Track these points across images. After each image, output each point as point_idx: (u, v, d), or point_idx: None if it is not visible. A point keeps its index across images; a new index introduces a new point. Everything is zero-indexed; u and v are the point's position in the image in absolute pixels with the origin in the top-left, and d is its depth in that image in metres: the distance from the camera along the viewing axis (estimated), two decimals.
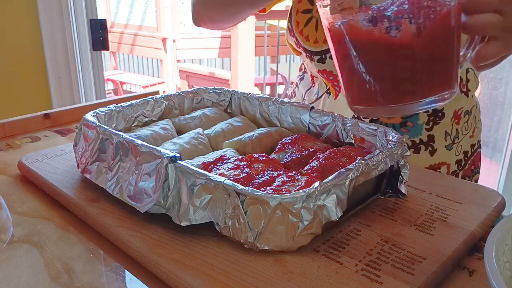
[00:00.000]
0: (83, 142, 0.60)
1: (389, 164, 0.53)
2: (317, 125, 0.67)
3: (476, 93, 0.79)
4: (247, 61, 3.93)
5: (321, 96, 0.82)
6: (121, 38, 4.98)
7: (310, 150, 0.59)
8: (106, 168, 0.56)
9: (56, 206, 0.58)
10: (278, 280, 0.41)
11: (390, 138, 0.56)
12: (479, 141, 0.83)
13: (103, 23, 1.74)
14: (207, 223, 0.47)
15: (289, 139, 0.63)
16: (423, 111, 0.43)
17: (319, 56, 0.76)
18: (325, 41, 0.74)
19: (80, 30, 1.70)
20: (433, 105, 0.43)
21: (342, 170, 0.48)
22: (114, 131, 0.56)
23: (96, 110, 0.65)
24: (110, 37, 1.81)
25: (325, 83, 0.80)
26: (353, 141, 0.62)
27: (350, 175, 0.47)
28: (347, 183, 0.46)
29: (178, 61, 4.72)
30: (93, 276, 0.45)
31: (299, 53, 0.83)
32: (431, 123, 0.75)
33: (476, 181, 0.85)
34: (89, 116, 0.62)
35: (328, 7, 0.43)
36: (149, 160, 0.50)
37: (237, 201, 0.44)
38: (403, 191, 0.56)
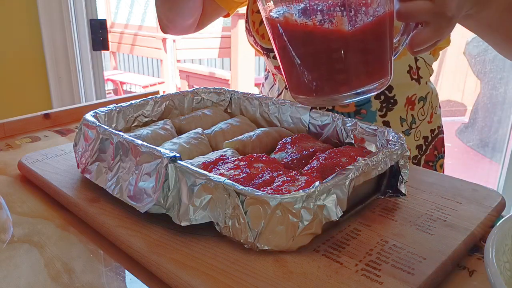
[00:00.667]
0: (83, 142, 0.60)
1: (389, 164, 0.53)
2: (317, 125, 0.67)
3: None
4: (247, 61, 3.93)
5: (281, 92, 0.85)
6: (121, 38, 4.98)
7: (310, 150, 0.59)
8: (106, 168, 0.56)
9: (56, 206, 0.58)
10: (278, 280, 0.41)
11: (390, 138, 0.56)
12: (439, 127, 0.86)
13: (103, 23, 1.74)
14: (207, 223, 0.47)
15: (289, 139, 0.63)
16: (363, 98, 0.44)
17: (274, 53, 0.78)
18: None
19: (80, 30, 1.70)
20: (370, 94, 0.44)
21: (342, 170, 0.48)
22: (114, 131, 0.56)
23: (96, 110, 0.65)
24: (110, 37, 1.81)
25: (283, 79, 0.83)
26: (353, 141, 0.62)
27: (350, 175, 0.47)
28: (347, 183, 0.46)
29: (178, 61, 4.72)
30: (93, 276, 0.45)
31: (260, 53, 0.87)
32: (384, 109, 0.77)
33: (441, 165, 0.88)
34: (89, 116, 0.62)
35: None
36: (149, 160, 0.50)
37: (237, 201, 0.44)
38: (403, 191, 0.56)
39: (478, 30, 0.58)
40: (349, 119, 0.63)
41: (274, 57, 0.79)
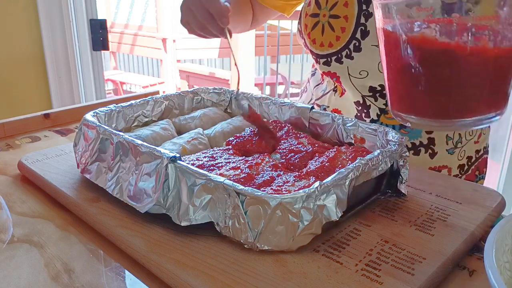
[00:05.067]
0: (83, 142, 0.60)
1: (389, 164, 0.53)
2: (317, 125, 0.67)
3: None
4: (247, 61, 3.93)
5: (327, 93, 0.83)
6: (121, 38, 4.98)
7: (309, 150, 0.59)
8: (106, 168, 0.56)
9: (56, 206, 0.58)
10: (278, 280, 0.41)
11: (390, 138, 0.56)
12: (485, 147, 0.83)
13: (103, 23, 1.74)
14: (207, 223, 0.47)
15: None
16: (470, 128, 0.42)
17: (325, 59, 0.77)
18: (330, 45, 0.75)
19: (80, 30, 1.70)
20: (483, 123, 0.42)
21: (342, 170, 0.48)
22: (114, 131, 0.56)
23: (96, 110, 0.65)
24: (110, 37, 1.81)
25: (333, 82, 0.81)
26: (353, 141, 0.62)
27: (350, 175, 0.47)
28: (347, 183, 0.46)
29: (178, 61, 4.71)
30: (93, 276, 0.45)
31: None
32: None
33: None
34: (89, 116, 0.62)
35: (392, 6, 0.41)
36: (149, 160, 0.50)
37: (237, 201, 0.44)
38: (403, 191, 0.56)
39: None
40: (349, 119, 0.63)
41: (324, 63, 0.77)
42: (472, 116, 0.41)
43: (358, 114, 0.77)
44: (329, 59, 0.76)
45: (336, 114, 0.65)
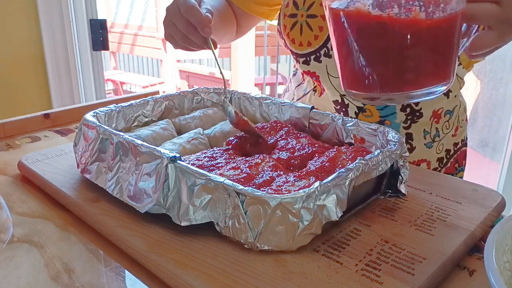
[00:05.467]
0: (83, 142, 0.60)
1: (389, 164, 0.53)
2: (317, 125, 0.67)
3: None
4: (247, 61, 3.93)
5: (308, 92, 0.85)
6: (121, 38, 4.98)
7: (309, 151, 0.59)
8: (106, 168, 0.56)
9: (56, 206, 0.58)
10: (278, 280, 0.41)
11: (390, 138, 0.56)
12: (463, 140, 0.84)
13: (103, 23, 1.74)
14: (207, 223, 0.47)
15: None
16: (418, 100, 0.43)
17: (304, 58, 0.78)
18: (309, 45, 0.77)
19: (80, 30, 1.70)
20: (431, 96, 0.43)
21: (342, 170, 0.48)
22: (114, 131, 0.56)
23: (96, 110, 0.65)
24: (110, 37, 1.81)
25: (312, 81, 0.83)
26: (353, 141, 0.62)
27: (350, 175, 0.47)
28: (347, 183, 0.46)
29: (178, 61, 4.72)
30: (93, 276, 0.45)
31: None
32: (409, 121, 0.76)
33: (461, 178, 0.86)
34: (89, 116, 0.62)
35: None
36: (149, 160, 0.50)
37: (237, 201, 0.44)
38: (403, 191, 0.56)
39: None
40: (349, 119, 0.63)
41: (304, 62, 0.78)
42: (414, 88, 0.42)
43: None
44: (308, 58, 0.77)
45: (336, 114, 0.65)
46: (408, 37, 0.40)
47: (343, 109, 0.77)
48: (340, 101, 0.77)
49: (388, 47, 0.41)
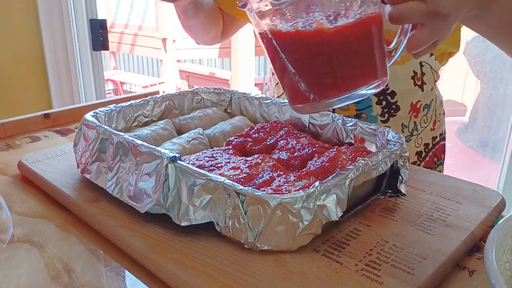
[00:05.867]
0: (83, 142, 0.60)
1: (389, 164, 0.53)
2: (317, 125, 0.67)
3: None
4: (247, 61, 3.93)
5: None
6: (121, 38, 4.98)
7: (309, 151, 0.59)
8: (106, 168, 0.56)
9: (56, 206, 0.58)
10: (278, 280, 0.41)
11: (390, 138, 0.56)
12: (441, 134, 0.85)
13: (103, 23, 1.74)
14: (207, 223, 0.47)
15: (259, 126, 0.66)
16: (354, 101, 0.45)
17: None
18: None
19: (80, 30, 1.70)
20: (363, 96, 0.44)
21: (342, 170, 0.48)
22: (114, 131, 0.56)
23: (96, 110, 0.65)
24: (110, 37, 1.81)
25: None
26: (353, 141, 0.62)
27: (350, 175, 0.47)
28: (347, 183, 0.46)
29: (178, 61, 4.72)
30: (93, 276, 0.45)
31: None
32: (386, 115, 0.76)
33: (440, 172, 0.87)
34: (89, 116, 0.62)
35: (246, 9, 0.44)
36: (149, 160, 0.50)
37: (237, 201, 0.44)
38: (403, 191, 0.56)
39: (489, 34, 0.56)
40: (349, 119, 0.63)
41: None
42: (342, 92, 0.43)
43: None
44: None
45: (336, 114, 0.65)
46: (315, 47, 0.42)
47: None
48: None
49: (302, 59, 0.43)
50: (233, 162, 0.55)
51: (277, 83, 0.90)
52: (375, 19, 0.43)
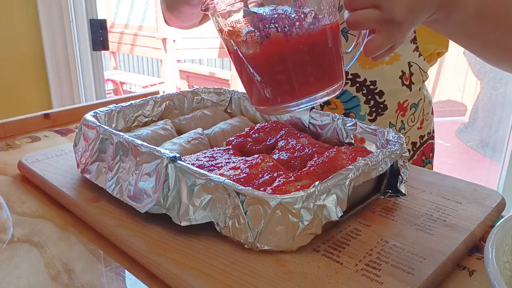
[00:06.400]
0: (83, 142, 0.60)
1: (389, 164, 0.53)
2: (317, 125, 0.67)
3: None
4: None
5: None
6: (121, 38, 4.98)
7: (309, 151, 0.59)
8: (106, 168, 0.56)
9: (56, 206, 0.58)
10: (278, 280, 0.41)
11: (390, 138, 0.56)
12: (429, 133, 0.86)
13: (103, 23, 1.74)
14: (207, 223, 0.47)
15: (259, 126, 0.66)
16: (314, 105, 0.47)
17: None
18: None
19: (80, 30, 1.70)
20: (321, 100, 0.46)
21: (342, 170, 0.48)
22: (114, 131, 0.56)
23: (96, 110, 0.65)
24: (110, 37, 1.81)
25: None
26: (353, 141, 0.62)
27: (350, 175, 0.47)
28: (347, 183, 0.46)
29: (178, 61, 4.72)
30: (93, 276, 0.45)
31: None
32: (374, 114, 0.77)
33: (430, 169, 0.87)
34: (89, 116, 0.62)
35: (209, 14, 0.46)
36: (149, 160, 0.50)
37: (237, 201, 0.44)
38: (403, 191, 0.56)
39: (454, 37, 0.57)
40: (349, 119, 0.63)
41: None
42: (293, 100, 0.45)
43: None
44: None
45: (336, 114, 0.65)
46: (272, 56, 0.43)
47: None
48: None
49: (260, 66, 0.45)
50: (233, 162, 0.55)
51: None
52: (331, 28, 0.44)
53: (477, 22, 0.51)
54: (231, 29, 0.44)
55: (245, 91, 0.80)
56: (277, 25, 0.42)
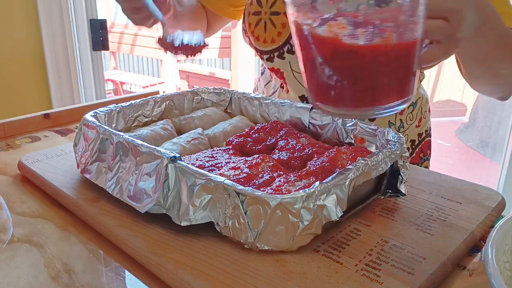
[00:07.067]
0: (83, 142, 0.60)
1: (389, 164, 0.53)
2: (317, 125, 0.67)
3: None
4: (247, 61, 3.93)
5: (276, 90, 0.87)
6: (121, 38, 4.98)
7: (309, 151, 0.59)
8: (106, 168, 0.56)
9: (56, 206, 0.58)
10: (278, 280, 0.41)
11: (390, 138, 0.56)
12: (427, 130, 0.88)
13: (103, 23, 1.74)
14: (207, 223, 0.47)
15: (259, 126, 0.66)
16: (379, 116, 0.46)
17: (268, 55, 0.81)
18: (273, 41, 0.79)
19: (80, 30, 1.70)
20: (393, 110, 0.45)
21: (342, 170, 0.48)
22: (114, 131, 0.56)
23: (96, 110, 0.65)
24: (110, 37, 1.81)
25: (279, 79, 0.85)
26: (353, 141, 0.62)
27: (350, 175, 0.47)
28: (347, 183, 0.46)
29: (178, 61, 4.71)
30: (93, 276, 0.45)
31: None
32: None
33: (426, 167, 0.89)
34: (89, 116, 0.62)
35: (295, 5, 0.44)
36: (149, 160, 0.50)
37: (237, 201, 0.44)
38: (403, 191, 0.56)
39: (465, 58, 0.62)
40: (349, 119, 0.63)
41: (268, 59, 0.81)
42: (376, 105, 0.44)
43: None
44: (271, 55, 0.80)
45: None
46: (378, 60, 0.42)
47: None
48: (306, 95, 0.79)
49: (357, 69, 0.43)
50: (233, 162, 0.55)
51: (267, 83, 0.91)
52: (417, 43, 0.44)
53: (495, 51, 0.57)
54: (315, 25, 0.42)
55: (245, 91, 0.80)
56: (379, 27, 0.41)
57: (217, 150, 0.60)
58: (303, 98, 0.80)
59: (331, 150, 0.58)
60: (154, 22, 0.74)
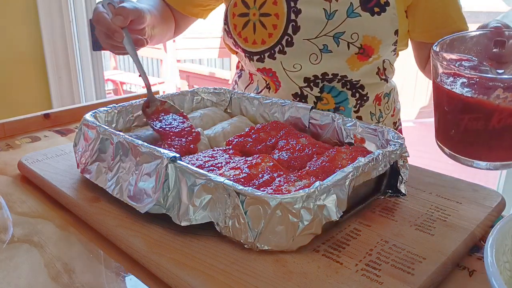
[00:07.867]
0: (83, 142, 0.60)
1: (389, 164, 0.53)
2: (317, 125, 0.67)
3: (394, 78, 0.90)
4: None
5: (261, 91, 0.87)
6: None
7: (309, 151, 0.59)
8: (106, 168, 0.56)
9: (56, 206, 0.58)
10: (278, 280, 0.41)
11: (390, 138, 0.56)
12: (399, 119, 0.93)
13: None
14: (207, 223, 0.47)
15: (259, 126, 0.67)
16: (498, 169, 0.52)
17: (258, 56, 0.80)
18: (263, 43, 0.79)
19: (80, 30, 1.70)
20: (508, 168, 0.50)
21: (342, 170, 0.48)
22: (114, 131, 0.56)
23: (96, 110, 0.65)
24: None
25: (264, 79, 0.85)
26: (353, 141, 0.62)
27: (350, 175, 0.47)
28: (347, 183, 0.46)
29: (178, 61, 4.71)
30: (93, 276, 0.45)
31: (236, 52, 0.89)
32: (358, 106, 0.82)
33: None
34: (89, 116, 0.62)
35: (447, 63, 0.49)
36: (149, 160, 0.50)
37: (237, 201, 0.44)
38: (403, 191, 0.56)
39: None
40: (349, 119, 0.63)
41: (258, 60, 0.80)
42: (502, 160, 0.49)
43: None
44: (262, 55, 0.80)
45: (336, 114, 0.65)
46: (500, 119, 0.46)
47: (303, 100, 0.81)
48: (299, 93, 0.81)
49: (482, 128, 0.48)
50: (233, 162, 0.55)
51: (247, 86, 0.91)
52: None
53: None
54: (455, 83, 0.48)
55: (245, 91, 0.80)
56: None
57: (217, 150, 0.60)
58: (296, 96, 0.81)
59: (331, 150, 0.58)
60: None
